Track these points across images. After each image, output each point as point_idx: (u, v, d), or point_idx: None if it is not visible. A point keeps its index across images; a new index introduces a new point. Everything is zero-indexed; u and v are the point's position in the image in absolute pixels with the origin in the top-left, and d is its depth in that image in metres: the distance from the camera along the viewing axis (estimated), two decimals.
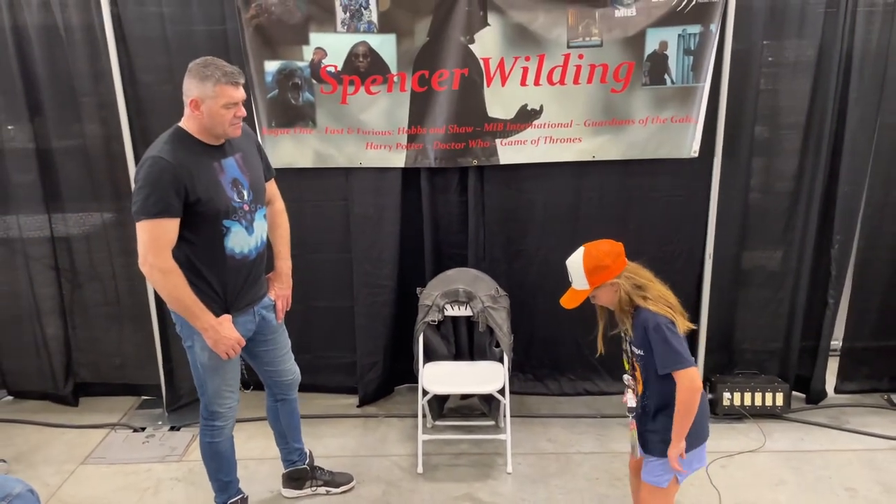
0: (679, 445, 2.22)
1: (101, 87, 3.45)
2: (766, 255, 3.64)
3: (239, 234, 2.45)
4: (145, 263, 2.35)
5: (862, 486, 3.09)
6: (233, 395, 2.69)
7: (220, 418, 2.69)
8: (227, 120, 2.36)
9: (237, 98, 2.36)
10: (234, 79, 2.35)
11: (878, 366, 3.72)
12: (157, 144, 2.37)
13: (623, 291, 2.22)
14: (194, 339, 2.54)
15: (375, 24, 3.27)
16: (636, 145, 3.44)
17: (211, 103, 2.32)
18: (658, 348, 2.17)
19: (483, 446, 3.41)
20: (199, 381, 2.64)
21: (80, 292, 3.78)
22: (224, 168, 2.43)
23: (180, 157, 2.32)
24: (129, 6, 3.32)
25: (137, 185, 2.32)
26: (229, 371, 2.64)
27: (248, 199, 2.48)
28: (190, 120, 2.39)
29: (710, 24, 3.23)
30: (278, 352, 2.83)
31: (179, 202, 2.30)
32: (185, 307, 2.40)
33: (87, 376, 3.92)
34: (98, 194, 3.63)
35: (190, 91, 2.33)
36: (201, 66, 2.33)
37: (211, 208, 2.36)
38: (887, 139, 3.42)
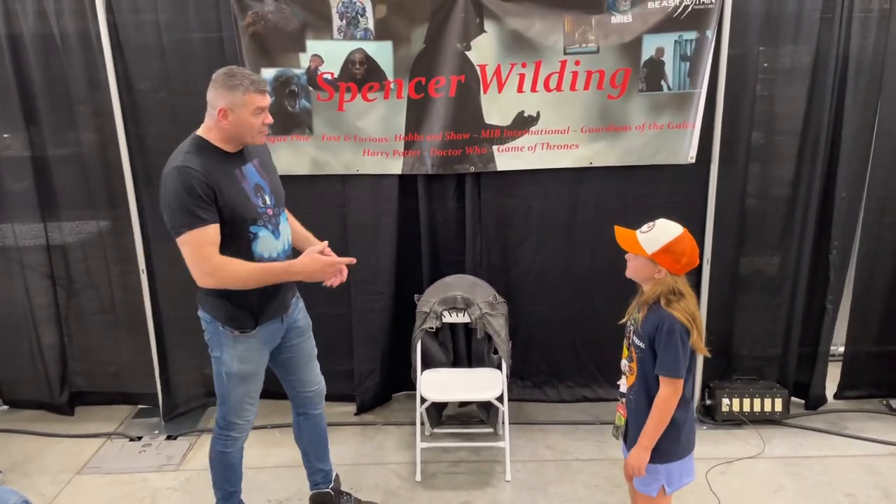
0: (645, 448, 2.22)
1: (97, 95, 3.44)
2: (763, 260, 3.64)
3: (266, 238, 2.43)
4: (197, 277, 2.32)
5: (861, 491, 3.09)
6: (253, 407, 2.65)
7: (237, 429, 2.65)
8: (255, 127, 2.36)
9: (265, 104, 2.35)
10: (261, 87, 2.35)
11: (878, 371, 3.72)
12: (178, 155, 2.34)
13: (663, 285, 2.18)
14: (223, 349, 2.51)
15: (372, 31, 3.27)
16: (633, 151, 3.44)
17: (240, 112, 2.31)
18: (664, 350, 2.17)
19: (482, 454, 3.40)
20: (222, 391, 2.59)
21: (76, 301, 3.76)
22: (245, 175, 2.42)
23: (205, 165, 2.29)
24: (125, 14, 3.32)
25: (166, 201, 2.28)
26: (255, 383, 2.60)
27: (270, 204, 2.47)
28: (213, 129, 2.37)
29: (707, 31, 3.24)
30: (302, 359, 2.76)
31: (213, 207, 2.28)
32: (264, 277, 2.38)
33: (82, 385, 3.90)
34: (94, 202, 3.61)
35: (217, 101, 2.31)
36: (228, 76, 2.31)
37: (238, 216, 2.34)
38: (886, 145, 3.43)
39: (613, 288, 3.38)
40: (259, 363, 2.59)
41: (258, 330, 2.49)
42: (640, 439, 2.23)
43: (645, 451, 2.23)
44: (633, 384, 2.31)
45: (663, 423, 2.20)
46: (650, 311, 2.22)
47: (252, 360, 2.55)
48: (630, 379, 2.32)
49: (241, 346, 2.50)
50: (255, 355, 2.55)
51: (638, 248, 2.19)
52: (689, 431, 2.29)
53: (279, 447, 3.54)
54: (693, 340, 2.18)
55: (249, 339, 2.50)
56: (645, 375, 2.25)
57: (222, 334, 2.49)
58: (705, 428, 3.60)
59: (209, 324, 2.52)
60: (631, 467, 2.26)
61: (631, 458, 2.26)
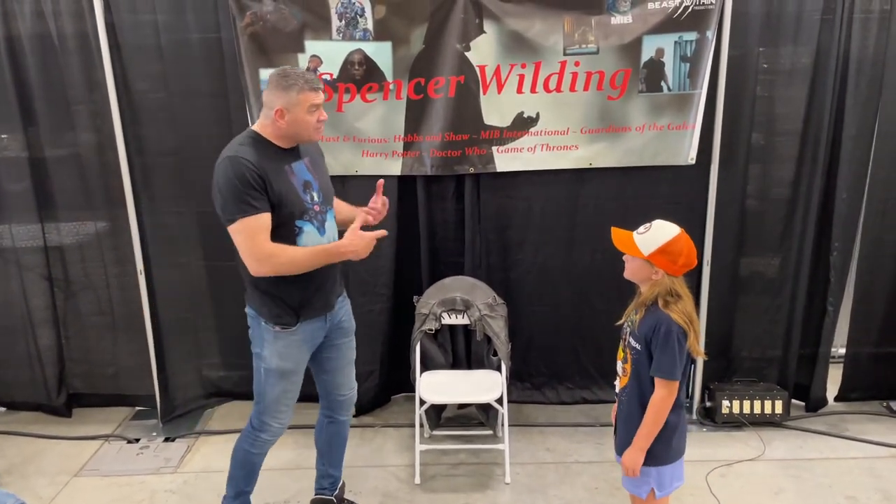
0: (640, 449, 2.21)
1: (94, 96, 3.43)
2: (764, 262, 3.64)
3: (311, 234, 2.46)
4: (251, 266, 2.36)
5: (862, 494, 3.08)
6: (288, 410, 2.64)
7: (269, 431, 2.63)
8: (311, 125, 2.40)
9: (319, 101, 2.39)
10: (315, 84, 2.38)
11: (879, 373, 3.71)
12: (232, 146, 2.39)
13: (660, 287, 2.17)
14: (264, 344, 2.53)
15: (371, 31, 3.26)
16: (633, 152, 3.43)
17: (296, 111, 2.35)
18: (660, 352, 2.16)
19: (481, 456, 3.39)
20: (259, 389, 2.60)
21: (74, 302, 3.74)
22: (295, 171, 2.45)
23: (256, 157, 2.33)
24: (123, 14, 3.30)
25: (219, 189, 2.32)
26: (293, 383, 2.60)
27: (318, 201, 2.50)
28: (268, 127, 2.41)
29: (707, 31, 3.23)
30: (342, 361, 2.77)
31: (265, 196, 2.31)
32: (315, 260, 2.41)
33: (80, 387, 3.88)
34: (92, 203, 3.60)
35: (274, 102, 2.35)
36: (282, 77, 2.36)
37: (285, 209, 2.37)
38: (886, 146, 3.42)
39: (614, 289, 3.37)
40: (298, 361, 2.58)
41: (299, 327, 2.51)
42: (634, 440, 2.23)
43: (640, 452, 2.22)
44: (625, 385, 2.30)
45: (658, 424, 2.20)
46: (647, 312, 2.21)
47: (291, 358, 2.55)
48: (623, 380, 2.32)
49: (281, 343, 2.51)
50: (295, 353, 2.55)
51: (634, 250, 2.18)
52: (680, 435, 2.29)
53: (279, 449, 3.47)
54: (689, 343, 2.17)
55: (290, 336, 2.51)
56: (638, 377, 2.24)
57: (264, 330, 2.51)
58: (705, 430, 3.59)
59: (253, 319, 2.56)
60: (625, 468, 2.26)
61: (625, 459, 2.26)
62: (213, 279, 3.73)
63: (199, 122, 3.48)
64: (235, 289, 3.68)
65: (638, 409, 2.24)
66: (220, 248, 3.64)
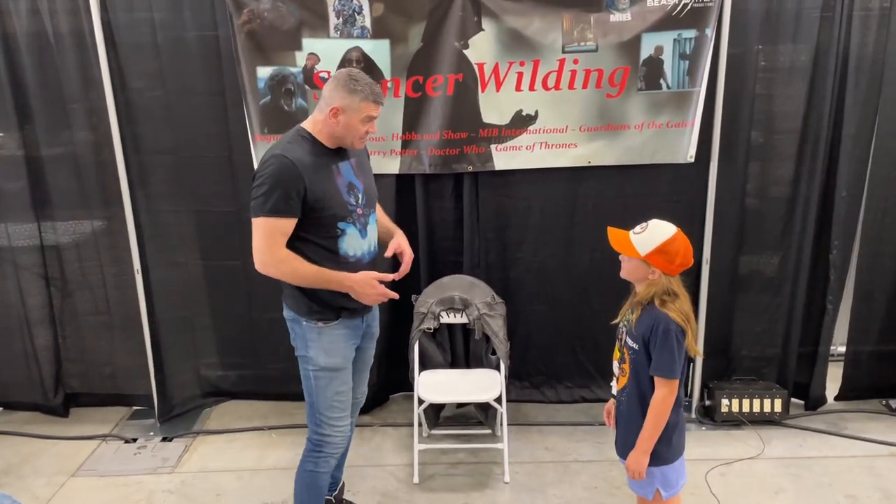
0: (644, 451, 2.20)
1: (91, 94, 3.41)
2: (763, 260, 3.63)
3: (353, 236, 2.45)
4: (258, 261, 2.36)
5: (862, 493, 3.07)
6: (345, 416, 2.57)
7: (331, 444, 2.56)
8: (360, 133, 2.39)
9: (376, 115, 2.40)
10: (379, 98, 2.38)
11: (879, 372, 3.70)
12: (280, 143, 2.40)
13: (657, 286, 2.17)
14: (308, 344, 2.50)
15: (369, 29, 3.24)
16: (632, 150, 3.42)
17: (352, 115, 2.34)
18: (659, 351, 2.15)
19: (480, 455, 3.38)
20: (311, 397, 2.54)
21: (70, 301, 3.73)
22: (341, 171, 2.44)
23: (302, 157, 2.33)
24: (118, 12, 3.28)
25: (258, 183, 2.33)
26: (343, 382, 2.55)
27: (361, 203, 2.48)
28: (319, 124, 2.40)
29: (706, 29, 3.22)
30: (360, 364, 2.72)
31: (298, 202, 2.31)
32: (316, 280, 2.39)
33: (77, 387, 3.87)
34: (88, 202, 3.58)
35: (333, 99, 2.34)
36: (351, 79, 2.35)
37: (327, 209, 2.37)
38: (886, 144, 3.41)
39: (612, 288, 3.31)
40: (345, 357, 2.55)
41: (340, 322, 2.49)
42: (638, 443, 2.21)
43: (644, 454, 2.21)
44: (624, 386, 2.29)
45: (660, 424, 2.19)
46: (644, 311, 2.20)
47: (338, 353, 2.52)
48: (622, 381, 2.30)
49: (325, 338, 2.49)
50: (341, 347, 2.52)
51: (631, 250, 2.17)
52: (680, 433, 2.28)
53: (276, 449, 3.51)
54: (687, 341, 2.16)
55: (333, 331, 2.49)
56: (637, 377, 2.23)
57: (306, 329, 2.49)
58: (704, 429, 3.59)
59: (293, 322, 2.53)
60: (631, 471, 2.25)
61: (630, 462, 2.24)
62: (211, 278, 3.71)
63: (195, 121, 3.46)
64: (233, 288, 3.71)
65: (638, 409, 2.23)
66: (217, 246, 3.65)
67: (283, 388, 3.86)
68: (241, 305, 3.75)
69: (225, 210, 3.58)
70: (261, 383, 3.88)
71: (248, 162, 3.45)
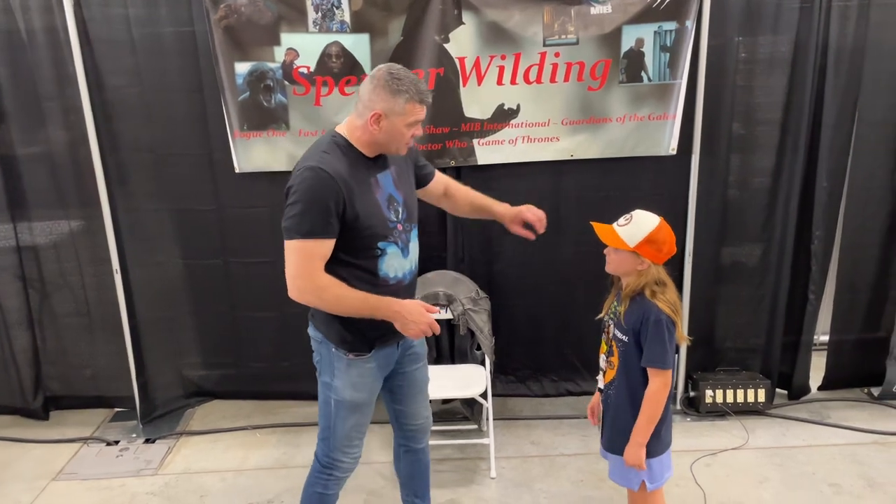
0: (640, 444, 2.20)
1: (66, 92, 3.35)
2: (746, 251, 3.64)
3: (394, 256, 2.21)
4: (294, 288, 2.09)
5: (846, 481, 3.10)
6: (360, 443, 2.40)
7: (341, 469, 2.40)
8: (405, 139, 2.14)
9: (423, 117, 2.14)
10: (426, 97, 2.11)
11: (862, 360, 3.73)
12: (315, 153, 2.12)
13: (647, 277, 2.16)
14: (334, 373, 2.27)
15: (348, 23, 3.21)
16: (614, 143, 3.41)
17: (396, 120, 2.08)
18: (651, 342, 2.15)
19: (466, 451, 3.37)
20: (327, 422, 2.35)
21: (49, 303, 3.67)
22: (380, 184, 2.19)
23: (341, 169, 2.07)
24: (93, 8, 3.23)
25: (293, 199, 2.06)
26: (365, 415, 2.36)
27: (402, 218, 2.23)
28: (358, 130, 2.14)
29: (686, 21, 3.21)
30: (414, 388, 2.51)
31: (337, 220, 2.06)
32: (361, 308, 2.13)
33: (57, 389, 3.82)
34: (65, 202, 3.53)
35: (374, 103, 2.07)
36: (393, 79, 2.06)
37: (367, 227, 2.12)
38: (867, 134, 3.43)
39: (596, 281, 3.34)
40: (372, 391, 2.35)
41: (373, 354, 2.27)
42: (633, 435, 2.21)
43: (640, 446, 2.21)
44: (612, 379, 2.28)
45: (656, 415, 2.19)
46: (633, 303, 2.20)
47: (366, 388, 2.31)
48: (610, 374, 2.30)
49: (354, 372, 2.26)
50: (370, 382, 2.32)
51: (619, 242, 2.17)
52: (668, 426, 2.29)
53: (260, 448, 3.49)
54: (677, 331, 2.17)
55: (364, 364, 2.26)
56: (627, 369, 2.23)
57: (334, 357, 2.26)
58: (689, 420, 3.60)
59: (320, 344, 2.30)
60: (629, 465, 2.23)
61: (627, 455, 2.23)
62: (192, 277, 3.67)
63: (174, 118, 3.42)
64: (215, 286, 3.68)
65: (627, 402, 2.23)
66: (198, 245, 3.62)
67: (266, 387, 3.84)
68: (223, 304, 3.71)
69: (205, 208, 3.54)
70: (244, 382, 3.85)
71: (227, 159, 3.41)
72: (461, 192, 2.58)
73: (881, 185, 3.50)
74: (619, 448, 2.26)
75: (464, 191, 2.58)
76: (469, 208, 2.58)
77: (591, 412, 2.48)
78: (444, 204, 2.58)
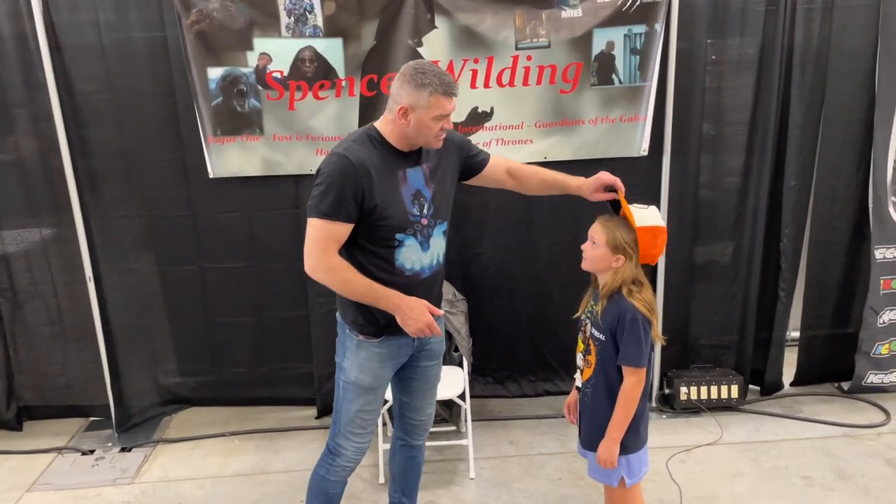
0: (614, 440, 2.23)
1: (36, 98, 3.31)
2: (718, 250, 3.69)
3: (412, 248, 2.26)
4: (307, 263, 2.20)
5: (817, 473, 3.16)
6: (364, 433, 2.44)
7: (344, 456, 2.45)
8: (433, 132, 2.19)
9: (450, 110, 2.18)
10: (451, 90, 2.16)
11: (832, 356, 3.80)
12: (345, 141, 2.24)
13: (622, 275, 2.20)
14: (346, 354, 2.37)
15: (321, 28, 3.21)
16: (587, 145, 3.45)
17: (422, 113, 2.14)
18: (626, 340, 2.18)
19: (445, 452, 3.38)
20: (337, 406, 2.43)
21: (21, 312, 3.62)
22: (408, 178, 2.25)
23: (366, 159, 2.16)
24: (62, 13, 3.20)
25: (317, 181, 2.18)
26: (370, 402, 2.41)
27: (427, 213, 2.27)
28: (390, 124, 2.22)
29: (655, 24, 3.26)
30: (424, 384, 2.56)
31: (355, 206, 2.15)
32: (365, 294, 2.21)
33: (30, 399, 3.76)
34: (36, 209, 3.48)
35: (401, 97, 2.15)
36: (419, 73, 2.14)
37: (385, 219, 2.20)
38: (832, 134, 3.50)
39: (571, 281, 3.39)
40: (378, 378, 2.39)
41: (384, 340, 2.33)
42: (608, 432, 2.24)
43: (615, 443, 2.24)
44: (590, 377, 2.31)
45: (630, 413, 2.22)
46: (610, 302, 2.23)
47: (371, 372, 2.36)
48: (587, 372, 2.33)
49: (363, 354, 2.34)
50: (376, 367, 2.36)
51: (629, 214, 2.21)
52: (645, 422, 2.33)
53: (239, 455, 3.47)
54: (653, 331, 2.20)
55: (373, 348, 2.33)
56: (604, 367, 2.25)
57: (347, 338, 2.37)
58: (664, 417, 3.65)
59: (340, 326, 2.41)
60: (602, 461, 2.27)
61: (601, 451, 2.26)
62: (167, 284, 3.65)
63: (146, 124, 3.39)
64: (189, 293, 3.66)
65: (605, 400, 2.26)
66: (172, 252, 3.59)
67: (244, 393, 3.83)
68: (198, 310, 3.69)
69: (179, 214, 3.52)
70: (221, 389, 3.83)
71: (201, 165, 3.40)
72: (529, 171, 2.56)
73: (847, 183, 3.57)
74: (597, 445, 2.29)
75: (531, 169, 2.56)
76: (541, 185, 2.56)
77: (568, 410, 2.50)
78: (511, 184, 2.57)
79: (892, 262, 3.59)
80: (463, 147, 2.46)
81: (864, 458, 3.26)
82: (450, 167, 2.40)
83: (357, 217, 2.18)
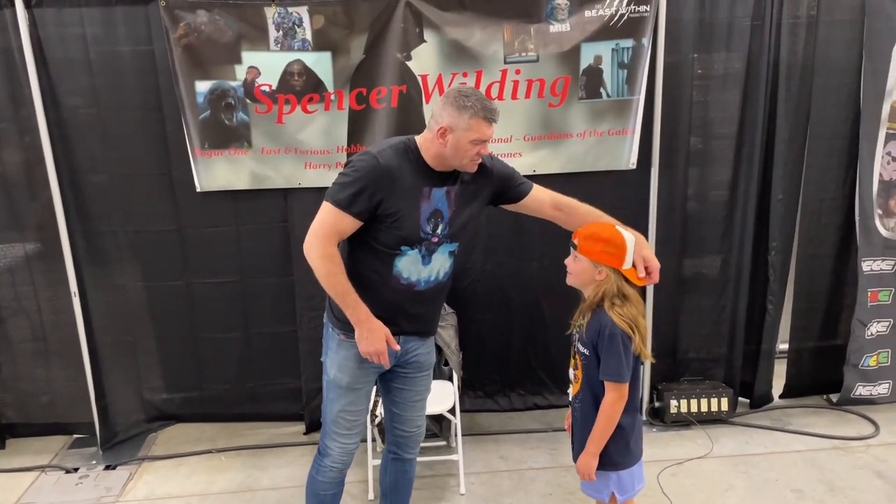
0: (592, 454, 2.23)
1: (22, 112, 3.29)
2: (706, 263, 3.71)
3: (412, 259, 2.30)
4: (307, 241, 2.24)
5: (807, 486, 3.15)
6: (350, 434, 2.47)
7: (330, 457, 2.49)
8: (469, 155, 2.23)
9: (488, 136, 2.23)
10: (492, 115, 2.22)
11: (820, 368, 3.81)
12: (383, 144, 2.30)
13: (606, 286, 2.18)
14: (328, 352, 2.43)
15: (310, 41, 3.21)
16: (575, 158, 3.46)
17: (461, 135, 2.19)
18: (606, 355, 2.17)
19: (435, 468, 3.35)
20: (324, 406, 2.50)
21: (4, 328, 3.57)
22: (432, 196, 2.28)
23: (395, 166, 2.21)
24: (49, 27, 3.18)
25: (344, 171, 2.25)
26: (351, 403, 2.44)
27: (441, 233, 2.31)
28: (427, 142, 2.27)
29: (642, 38, 3.29)
30: (412, 395, 2.57)
31: (370, 206, 2.20)
32: (340, 295, 2.25)
33: (13, 417, 3.70)
34: (20, 224, 3.45)
35: (442, 118, 2.21)
36: (462, 96, 2.20)
37: (395, 229, 2.24)
38: (819, 147, 3.53)
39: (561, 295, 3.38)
40: (356, 378, 2.41)
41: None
42: (587, 445, 2.24)
43: (592, 456, 2.23)
44: (577, 392, 2.31)
45: (609, 428, 2.21)
46: (593, 316, 2.22)
47: (349, 372, 2.40)
48: (576, 387, 2.32)
49: (342, 353, 2.39)
50: (353, 367, 2.39)
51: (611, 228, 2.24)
52: (637, 438, 2.31)
53: (225, 472, 3.42)
54: (636, 345, 2.18)
55: (352, 349, 2.34)
56: (590, 382, 2.25)
57: (330, 337, 2.42)
58: (655, 430, 3.64)
59: (325, 324, 2.47)
60: (580, 473, 2.27)
61: (579, 464, 2.27)
62: (153, 299, 3.61)
63: (132, 138, 3.37)
64: (176, 309, 3.62)
65: (592, 414, 2.25)
66: (158, 267, 3.56)
67: (230, 409, 3.78)
68: (184, 326, 3.65)
69: (165, 229, 3.49)
70: (207, 405, 3.79)
71: (188, 179, 3.38)
72: (582, 210, 2.49)
73: (834, 196, 3.60)
74: None
75: (584, 209, 2.49)
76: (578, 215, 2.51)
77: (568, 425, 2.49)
78: (557, 217, 2.54)
79: (879, 275, 3.62)
80: (504, 178, 2.46)
81: (854, 470, 3.26)
82: (481, 193, 2.42)
83: (369, 217, 2.23)
